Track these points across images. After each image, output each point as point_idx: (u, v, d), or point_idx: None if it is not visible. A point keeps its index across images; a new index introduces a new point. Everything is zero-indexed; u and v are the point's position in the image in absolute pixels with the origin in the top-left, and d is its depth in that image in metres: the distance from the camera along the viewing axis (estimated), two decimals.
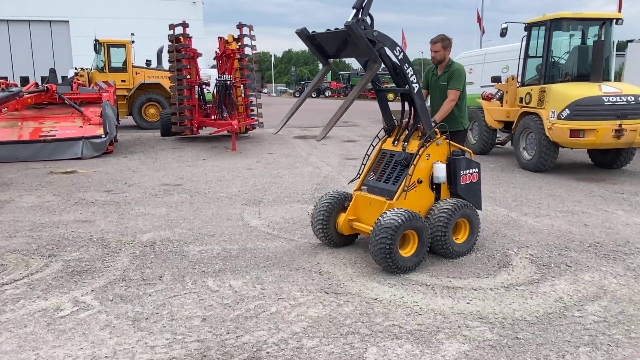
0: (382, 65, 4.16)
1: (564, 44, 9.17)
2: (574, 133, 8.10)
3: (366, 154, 4.98)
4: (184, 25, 12.58)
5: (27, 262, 4.57)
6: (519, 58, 9.74)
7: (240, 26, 13.21)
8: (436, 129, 4.66)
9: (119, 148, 12.31)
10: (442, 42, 5.06)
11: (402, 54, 4.12)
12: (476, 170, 4.83)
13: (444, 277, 4.21)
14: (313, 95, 55.85)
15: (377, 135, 5.04)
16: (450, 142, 4.70)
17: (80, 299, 3.79)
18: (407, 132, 4.72)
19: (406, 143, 4.64)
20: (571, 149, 9.39)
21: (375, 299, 3.76)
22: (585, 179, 8.40)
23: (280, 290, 3.94)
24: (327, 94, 55.07)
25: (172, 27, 12.81)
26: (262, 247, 4.95)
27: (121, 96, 16.91)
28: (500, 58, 15.51)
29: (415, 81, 4.27)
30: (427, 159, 4.55)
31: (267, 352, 3.04)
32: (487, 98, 10.98)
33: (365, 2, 3.95)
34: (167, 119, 13.62)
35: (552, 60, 9.05)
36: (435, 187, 4.68)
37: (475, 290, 3.94)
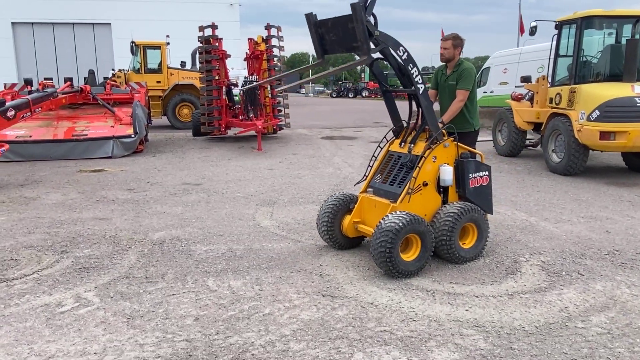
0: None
1: (596, 43, 8.81)
2: (604, 135, 7.77)
3: (373, 155, 4.92)
4: (213, 26, 12.75)
5: (40, 257, 4.72)
6: (549, 57, 9.43)
7: (268, 27, 13.30)
8: (444, 131, 4.55)
9: (149, 147, 12.59)
10: (454, 41, 4.94)
11: (405, 54, 4.05)
12: (486, 173, 4.70)
13: (446, 282, 4.11)
14: (350, 96, 55.78)
15: (384, 137, 4.97)
16: (459, 144, 4.58)
17: (82, 295, 3.88)
18: (414, 133, 4.63)
19: (412, 145, 4.56)
20: (601, 151, 9.02)
21: (371, 304, 3.70)
22: (616, 184, 8.05)
23: (278, 291, 3.93)
24: (364, 94, 54.85)
25: (201, 28, 13.03)
26: (268, 248, 4.96)
27: (156, 97, 17.32)
28: (535, 57, 15.10)
29: (420, 82, 4.18)
30: (434, 161, 4.45)
31: (252, 354, 3.04)
32: (517, 98, 10.69)
33: (369, 0, 3.90)
34: (198, 119, 13.86)
35: (583, 59, 8.71)
36: (443, 190, 4.58)
37: (477, 297, 3.83)
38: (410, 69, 4.13)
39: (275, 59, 13.56)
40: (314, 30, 4.15)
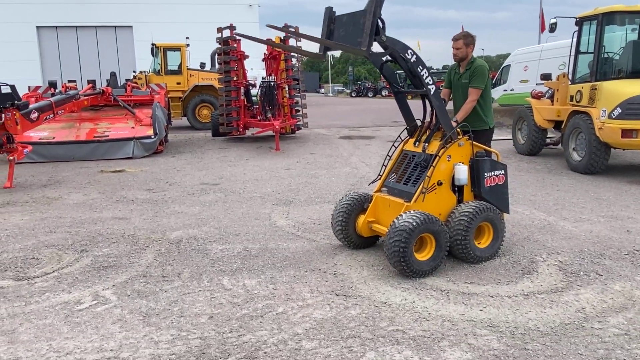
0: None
1: (617, 39, 8.64)
2: (626, 133, 7.62)
3: (387, 154, 4.91)
4: (231, 27, 12.86)
5: (60, 256, 4.83)
6: (569, 54, 9.28)
7: (285, 28, 13.34)
8: (458, 130, 4.52)
9: (169, 148, 12.76)
10: (464, 39, 4.91)
11: (414, 56, 4.04)
12: (502, 172, 4.65)
13: (461, 282, 4.08)
14: (369, 95, 55.63)
15: (399, 136, 4.96)
16: (474, 142, 4.54)
17: (101, 293, 3.96)
18: (428, 132, 4.61)
19: (427, 144, 4.55)
20: (623, 150, 8.85)
21: (385, 303, 3.70)
22: (639, 182, 7.88)
23: (292, 290, 3.96)
24: (383, 93, 54.59)
25: (220, 30, 13.14)
26: (283, 247, 4.99)
27: (176, 98, 17.53)
28: (556, 55, 14.87)
29: (431, 82, 4.17)
30: (448, 160, 4.42)
31: (265, 352, 3.06)
32: (537, 96, 10.55)
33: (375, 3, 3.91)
34: (217, 120, 13.99)
35: (605, 56, 8.55)
36: (458, 189, 4.55)
37: (491, 297, 3.80)
38: (420, 70, 4.12)
39: (293, 59, 13.62)
40: (327, 24, 4.17)
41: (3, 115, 8.12)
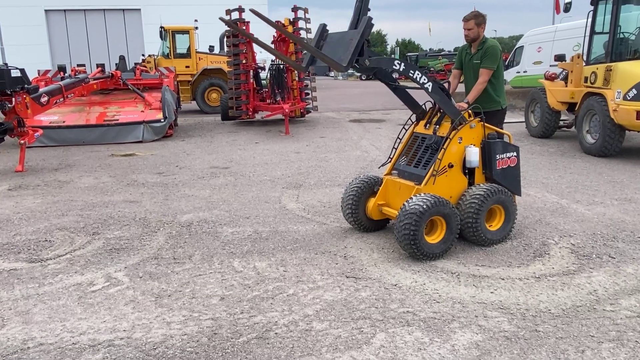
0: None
1: (634, 19, 8.47)
2: None
3: (398, 137, 4.89)
4: (240, 10, 12.77)
5: (73, 239, 4.90)
6: (584, 35, 9.13)
7: (295, 9, 13.24)
8: (470, 111, 4.49)
9: (178, 132, 12.80)
10: (475, 19, 4.84)
11: (402, 65, 4.04)
12: (514, 154, 4.62)
13: (472, 265, 4.09)
14: None
15: (409, 118, 4.93)
16: (486, 124, 4.51)
17: (113, 275, 4.02)
18: (439, 114, 4.58)
19: (438, 126, 4.52)
20: (638, 132, 8.73)
21: (395, 285, 3.72)
22: None
23: (302, 272, 3.99)
24: (395, 75, 54.12)
25: (228, 12, 13.06)
26: (293, 230, 5.02)
27: (185, 81, 17.52)
28: (571, 35, 14.67)
29: (427, 81, 4.16)
30: (459, 143, 4.40)
31: (276, 333, 3.10)
32: (550, 78, 10.41)
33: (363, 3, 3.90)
34: (226, 103, 13.96)
35: (620, 36, 8.39)
36: (469, 171, 4.53)
37: (502, 279, 3.81)
38: (412, 75, 4.11)
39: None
40: (317, 40, 4.21)
41: (13, 99, 8.17)
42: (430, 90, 4.21)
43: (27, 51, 28.96)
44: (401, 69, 4.04)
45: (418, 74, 4.10)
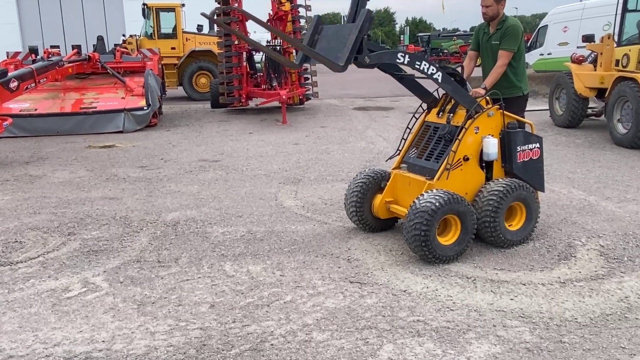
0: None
1: None
2: None
3: (407, 127, 4.88)
4: None
5: (46, 240, 4.91)
6: (615, 13, 9.11)
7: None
8: (487, 98, 4.48)
9: (163, 121, 12.81)
10: None
11: (406, 57, 4.02)
12: (537, 145, 4.61)
13: (489, 269, 4.09)
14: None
15: (420, 106, 4.93)
16: (505, 112, 4.50)
17: (91, 280, 4.03)
18: (454, 101, 4.57)
19: (452, 114, 4.51)
20: None
21: (404, 291, 3.73)
22: None
23: (301, 277, 3.99)
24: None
25: None
26: (291, 230, 5.03)
27: (171, 65, 17.50)
28: (600, 13, 14.64)
29: (434, 71, 4.15)
30: (476, 133, 4.40)
31: (271, 344, 3.10)
32: (578, 61, 10.39)
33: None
34: (217, 89, 13.97)
35: None
36: (486, 165, 4.53)
37: (523, 285, 3.81)
38: (418, 66, 4.10)
39: (302, 20, 13.49)
40: (312, 33, 4.22)
41: None
42: (440, 80, 4.22)
43: None
44: (406, 62, 4.05)
45: (425, 65, 4.11)
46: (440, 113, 4.65)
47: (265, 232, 5.00)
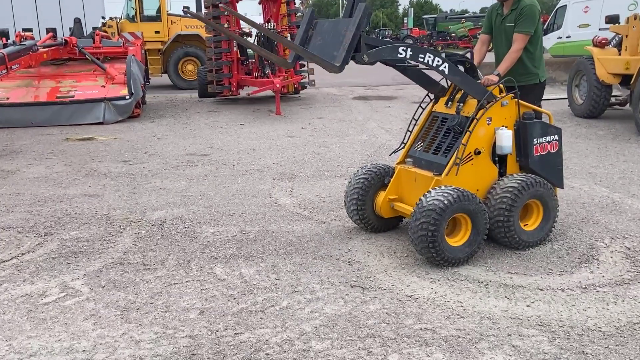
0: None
1: None
2: None
3: (413, 118, 4.89)
4: None
5: (20, 240, 4.92)
6: None
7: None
8: (501, 86, 4.49)
9: (147, 111, 12.82)
10: None
11: (408, 51, 4.03)
12: (555, 137, 4.62)
13: (503, 272, 4.11)
14: None
15: (427, 95, 4.93)
16: (521, 101, 4.51)
17: (70, 284, 4.03)
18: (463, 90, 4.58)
19: (462, 104, 4.52)
20: None
21: (410, 297, 3.74)
22: None
23: (298, 281, 4.01)
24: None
25: None
26: (286, 230, 5.04)
27: (155, 50, 17.50)
28: None
29: (440, 63, 4.16)
30: (488, 124, 4.40)
31: (267, 354, 3.12)
32: (600, 44, 10.40)
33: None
34: (205, 77, 13.99)
35: None
36: (499, 159, 4.54)
37: (541, 290, 3.83)
38: (422, 59, 4.12)
39: (297, 1, 13.49)
40: (305, 29, 4.23)
41: None
42: (447, 72, 4.23)
43: None
44: (408, 56, 4.06)
45: (429, 57, 4.12)
46: (449, 102, 4.66)
47: (258, 232, 5.02)
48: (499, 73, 4.69)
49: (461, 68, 4.54)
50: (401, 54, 4.03)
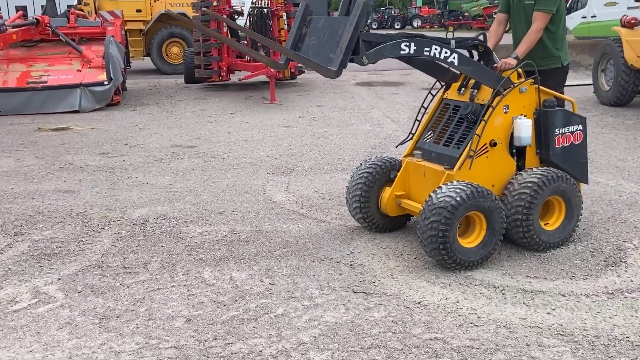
0: None
1: None
2: None
3: (422, 105, 4.89)
4: None
5: None
6: None
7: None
8: (519, 70, 4.48)
9: (128, 98, 12.82)
10: None
11: (412, 47, 4.05)
12: (579, 127, 4.63)
13: (521, 276, 4.12)
14: (396, 27, 55.21)
15: (437, 80, 4.93)
16: (541, 87, 4.51)
17: (42, 290, 4.04)
18: None
19: (476, 90, 4.52)
20: None
21: (419, 303, 3.75)
22: None
23: (295, 286, 4.01)
24: (415, 24, 54.13)
25: None
26: (282, 230, 5.05)
27: (136, 31, 17.46)
28: None
29: (448, 55, 4.17)
30: (505, 113, 4.40)
31: None
32: (629, 24, 10.38)
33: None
34: (192, 60, 13.97)
35: None
36: (517, 151, 4.54)
37: (563, 296, 3.84)
38: (428, 53, 4.13)
39: None
40: (298, 26, 4.24)
41: None
42: (457, 63, 4.24)
43: None
44: (412, 51, 4.07)
45: (436, 49, 4.13)
46: (462, 89, 4.65)
47: (251, 232, 5.02)
48: (517, 56, 4.68)
49: (474, 54, 4.54)
50: (404, 50, 4.04)
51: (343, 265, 4.32)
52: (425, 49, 4.10)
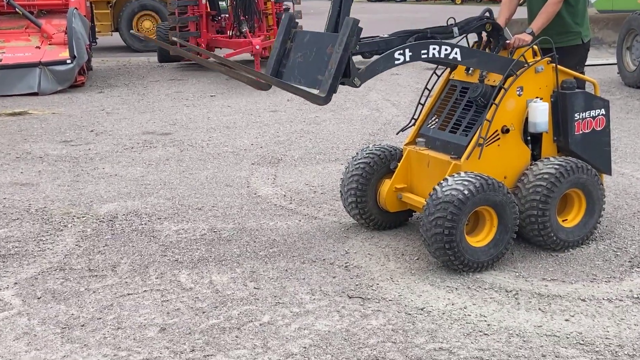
0: None
1: None
2: None
3: (425, 87, 4.88)
4: None
5: None
6: None
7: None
8: (535, 47, 4.48)
9: (93, 79, 12.80)
10: None
11: (406, 53, 4.06)
12: (602, 112, 4.64)
13: (537, 279, 4.13)
14: (397, 0, 55.19)
15: None
16: (559, 67, 4.52)
17: None
18: (489, 50, 4.58)
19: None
20: None
21: (422, 309, 3.76)
22: None
23: (282, 291, 4.02)
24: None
25: None
26: (269, 228, 5.06)
27: (103, 2, 17.39)
28: None
29: (449, 52, 4.19)
30: (519, 95, 4.41)
31: None
32: None
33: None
34: (166, 36, 13.92)
35: None
36: (533, 139, 4.55)
37: (583, 301, 3.85)
38: (426, 56, 4.16)
39: None
40: (282, 40, 4.24)
41: None
42: (460, 59, 4.26)
43: None
44: (408, 57, 4.09)
45: (434, 49, 4.15)
46: (471, 69, 4.65)
47: (233, 229, 5.03)
48: (532, 31, 4.68)
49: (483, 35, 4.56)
50: (399, 59, 4.06)
51: (337, 267, 4.33)
52: (422, 52, 4.13)
